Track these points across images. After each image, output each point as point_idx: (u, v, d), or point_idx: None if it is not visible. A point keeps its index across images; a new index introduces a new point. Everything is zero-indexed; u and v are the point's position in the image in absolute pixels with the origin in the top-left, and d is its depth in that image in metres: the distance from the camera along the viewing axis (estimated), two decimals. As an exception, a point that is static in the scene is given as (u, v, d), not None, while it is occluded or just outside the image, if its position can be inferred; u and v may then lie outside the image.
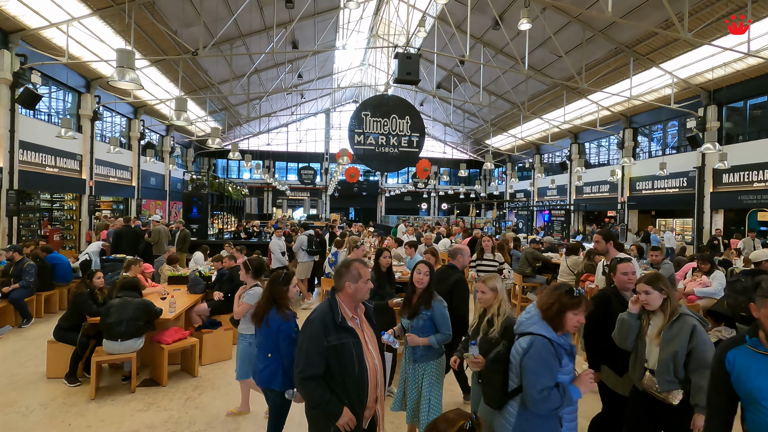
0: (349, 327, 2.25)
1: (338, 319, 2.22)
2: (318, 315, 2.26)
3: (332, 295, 2.33)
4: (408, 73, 10.68)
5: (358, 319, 2.35)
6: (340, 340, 2.19)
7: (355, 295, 2.29)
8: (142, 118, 18.73)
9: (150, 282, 6.18)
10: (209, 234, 11.97)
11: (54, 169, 13.13)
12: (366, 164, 14.43)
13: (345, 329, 2.23)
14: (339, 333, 2.20)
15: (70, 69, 13.66)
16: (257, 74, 19.19)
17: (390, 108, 12.88)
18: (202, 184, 11.96)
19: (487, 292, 2.84)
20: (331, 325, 2.20)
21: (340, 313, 2.25)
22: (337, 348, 2.17)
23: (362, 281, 2.29)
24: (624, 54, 13.89)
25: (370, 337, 2.37)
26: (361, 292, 2.30)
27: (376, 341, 2.40)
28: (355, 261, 2.39)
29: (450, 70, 20.32)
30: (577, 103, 18.35)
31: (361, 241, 5.20)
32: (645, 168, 17.15)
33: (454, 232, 13.99)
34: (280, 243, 8.47)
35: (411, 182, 26.55)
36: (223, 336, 5.12)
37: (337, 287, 2.34)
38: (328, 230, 12.19)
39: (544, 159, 26.19)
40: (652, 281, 2.54)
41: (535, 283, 7.23)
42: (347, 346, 2.19)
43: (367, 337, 2.35)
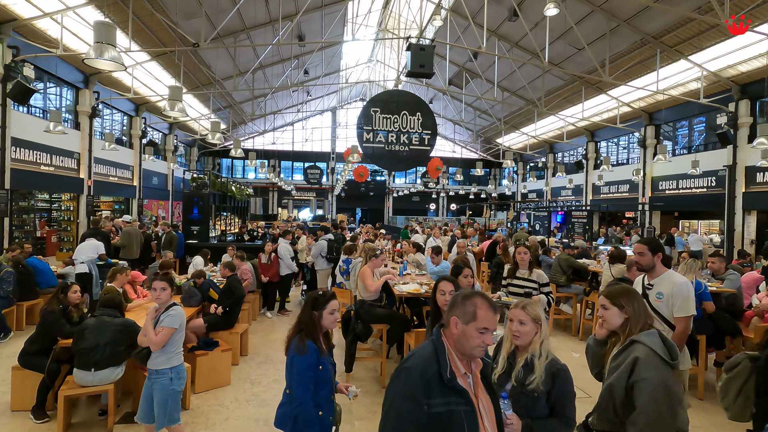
0: (460, 388, 1.54)
1: (446, 374, 1.53)
2: (417, 363, 1.55)
3: (437, 336, 1.63)
4: (421, 65, 9.93)
5: (471, 378, 1.63)
6: (448, 405, 1.50)
7: (462, 342, 1.57)
8: (143, 116, 18.16)
9: (141, 291, 5.50)
10: (211, 236, 11.31)
11: (50, 167, 12.54)
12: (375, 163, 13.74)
13: (455, 391, 1.53)
14: (446, 395, 1.51)
15: (67, 63, 13.08)
16: (262, 70, 18.54)
17: (400, 104, 12.22)
18: (203, 184, 11.30)
19: (527, 323, 2.10)
20: (436, 382, 1.51)
21: (449, 366, 1.55)
22: (442, 417, 1.48)
23: (475, 327, 1.55)
24: (650, 45, 13.07)
25: (486, 406, 1.64)
26: (469, 341, 1.56)
27: (494, 413, 1.66)
28: (476, 295, 1.62)
29: (462, 65, 19.56)
30: (595, 99, 17.54)
31: (380, 249, 4.48)
32: (668, 166, 16.28)
33: (469, 234, 13.22)
34: (290, 248, 7.77)
35: (421, 182, 25.82)
36: (221, 359, 4.42)
37: (444, 322, 1.65)
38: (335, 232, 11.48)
39: (558, 158, 25.35)
40: (613, 295, 2.14)
41: (570, 294, 6.48)
42: (457, 416, 1.50)
43: (483, 405, 1.63)
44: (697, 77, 13.54)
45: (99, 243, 7.48)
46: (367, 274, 4.38)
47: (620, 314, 2.08)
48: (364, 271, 4.41)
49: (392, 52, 22.26)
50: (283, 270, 7.32)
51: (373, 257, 4.45)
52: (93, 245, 7.37)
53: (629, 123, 17.62)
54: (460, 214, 29.80)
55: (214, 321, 4.87)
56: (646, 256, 3.10)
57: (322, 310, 2.43)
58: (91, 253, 7.34)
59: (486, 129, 26.13)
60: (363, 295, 4.43)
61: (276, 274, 7.27)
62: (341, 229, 11.96)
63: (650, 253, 3.09)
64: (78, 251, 7.10)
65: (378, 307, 4.42)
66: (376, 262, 4.46)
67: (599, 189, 20.42)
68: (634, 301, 2.09)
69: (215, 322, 4.88)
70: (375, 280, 4.40)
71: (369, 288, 4.32)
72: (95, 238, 7.52)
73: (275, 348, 5.72)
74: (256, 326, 6.81)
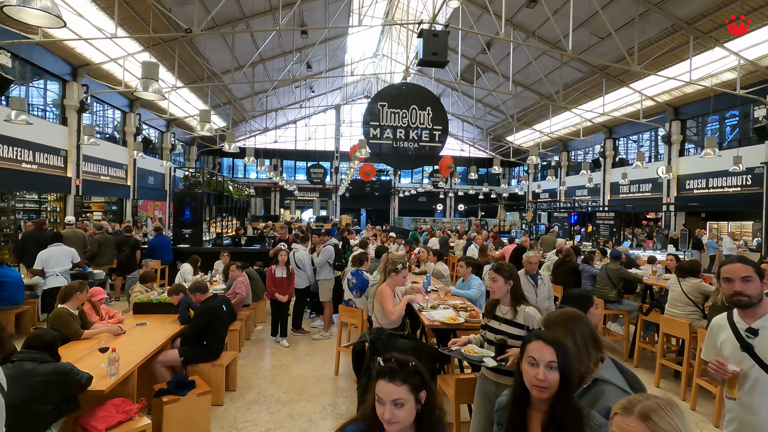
0: None
1: None
2: None
3: None
4: (434, 53, 8.91)
5: None
6: None
7: None
8: (138, 112, 17.25)
9: (107, 311, 4.51)
10: (205, 240, 10.35)
11: (33, 165, 11.63)
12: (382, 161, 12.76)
13: None
14: None
15: (52, 53, 12.17)
16: (262, 64, 17.60)
17: (409, 98, 11.27)
18: (196, 182, 10.35)
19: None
20: None
21: None
22: None
23: None
24: (682, 32, 12.03)
25: None
26: None
27: None
28: None
29: (473, 58, 18.55)
30: (615, 93, 16.49)
31: (403, 262, 3.48)
32: (697, 164, 15.21)
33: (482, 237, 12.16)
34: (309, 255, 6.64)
35: (429, 181, 24.77)
36: (197, 405, 3.43)
37: None
38: (341, 236, 10.49)
39: (572, 157, 24.29)
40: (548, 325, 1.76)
41: (621, 311, 5.45)
42: None
43: None
44: (732, 67, 12.47)
45: (72, 249, 6.50)
46: (387, 295, 3.39)
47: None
48: (382, 291, 3.41)
49: (399, 45, 21.29)
50: (301, 282, 6.27)
51: (393, 272, 3.44)
52: (67, 252, 6.38)
53: (652, 118, 16.54)
54: (469, 215, 28.73)
55: (191, 352, 3.89)
56: (752, 284, 1.89)
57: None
58: (67, 262, 6.35)
59: (496, 126, 25.10)
60: (381, 322, 3.44)
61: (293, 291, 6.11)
62: (348, 232, 10.97)
63: (758, 278, 1.91)
64: (48, 260, 6.11)
65: (400, 336, 3.43)
66: (398, 279, 3.46)
67: (618, 188, 19.34)
68: (575, 331, 1.66)
69: (193, 353, 3.89)
70: (397, 302, 3.41)
71: (390, 314, 3.33)
72: (37, 242, 6.52)
73: (271, 379, 4.74)
74: (250, 348, 5.82)
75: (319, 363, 5.24)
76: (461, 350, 2.63)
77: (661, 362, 4.62)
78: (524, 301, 2.65)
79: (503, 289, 2.63)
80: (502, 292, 2.64)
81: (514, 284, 2.63)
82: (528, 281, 4.35)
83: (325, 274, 6.31)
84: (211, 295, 4.17)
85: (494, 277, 2.65)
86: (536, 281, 4.41)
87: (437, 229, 15.63)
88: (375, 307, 3.51)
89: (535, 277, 4.43)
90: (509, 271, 2.65)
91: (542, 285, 4.39)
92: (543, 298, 4.33)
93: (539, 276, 4.46)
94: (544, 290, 4.39)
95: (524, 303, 2.63)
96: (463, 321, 3.56)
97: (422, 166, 23.85)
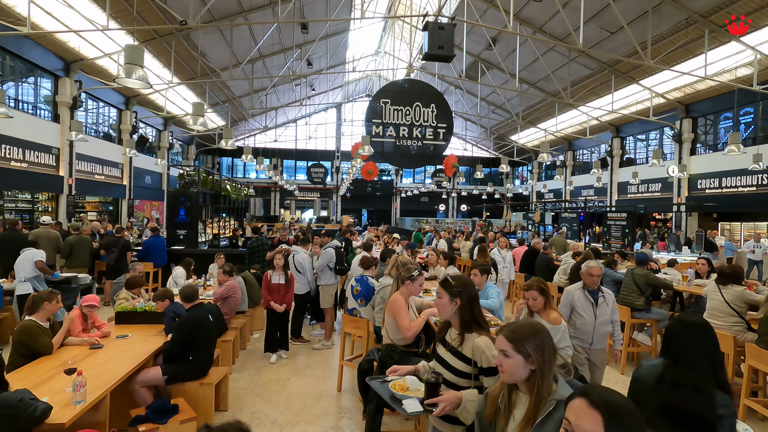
0: None
1: None
2: None
3: None
4: (440, 46, 8.51)
5: None
6: None
7: None
8: (134, 109, 16.82)
9: (96, 321, 4.06)
10: (201, 241, 9.92)
11: (22, 163, 11.20)
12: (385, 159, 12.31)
13: None
14: None
15: (44, 48, 11.74)
16: (262, 60, 17.18)
17: (413, 95, 10.93)
18: (192, 181, 9.91)
19: None
20: None
21: None
22: None
23: None
24: (697, 26, 11.58)
25: None
26: None
27: None
28: None
29: (477, 55, 18.11)
30: (624, 90, 16.05)
31: (418, 268, 3.03)
32: (709, 163, 14.76)
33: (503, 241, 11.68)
34: (310, 258, 6.19)
35: (432, 181, 24.31)
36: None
37: None
38: (342, 237, 10.06)
39: (578, 156, 23.85)
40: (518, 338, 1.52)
41: (649, 320, 5.00)
42: None
43: None
44: (748, 62, 12.02)
45: (37, 251, 5.93)
46: (400, 306, 2.93)
47: (525, 364, 1.50)
48: (395, 303, 2.95)
49: (402, 42, 20.85)
50: (301, 288, 5.76)
51: (407, 280, 2.99)
52: (29, 257, 5.79)
53: (662, 116, 16.08)
54: (473, 216, 28.27)
55: (176, 369, 3.44)
56: None
57: None
58: (30, 267, 5.73)
59: (500, 125, 24.65)
60: (392, 337, 3.00)
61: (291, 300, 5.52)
62: (350, 233, 10.53)
63: None
64: (17, 265, 5.63)
65: (414, 354, 2.98)
66: (413, 288, 3.00)
67: (626, 188, 18.88)
68: (544, 345, 1.53)
69: (178, 370, 3.45)
70: (412, 316, 2.96)
71: (406, 330, 2.88)
72: (35, 246, 6.01)
73: (267, 396, 4.28)
74: (245, 359, 5.37)
75: (321, 377, 4.79)
76: (388, 384, 2.07)
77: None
78: (477, 327, 2.04)
79: (448, 308, 2.06)
80: (447, 313, 2.08)
81: (462, 304, 2.04)
82: (586, 298, 3.65)
83: (326, 278, 5.85)
84: (197, 304, 3.71)
85: (439, 293, 2.12)
86: (596, 299, 3.64)
87: (442, 230, 15.15)
88: (386, 320, 3.05)
89: (596, 294, 3.65)
90: (461, 285, 2.07)
91: (604, 304, 3.63)
92: (604, 320, 3.60)
93: (601, 293, 3.67)
94: (606, 311, 3.63)
95: (477, 330, 2.02)
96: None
97: (426, 165, 23.40)
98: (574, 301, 3.66)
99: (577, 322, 3.64)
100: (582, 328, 3.60)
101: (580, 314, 3.61)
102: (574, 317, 3.65)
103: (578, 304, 3.64)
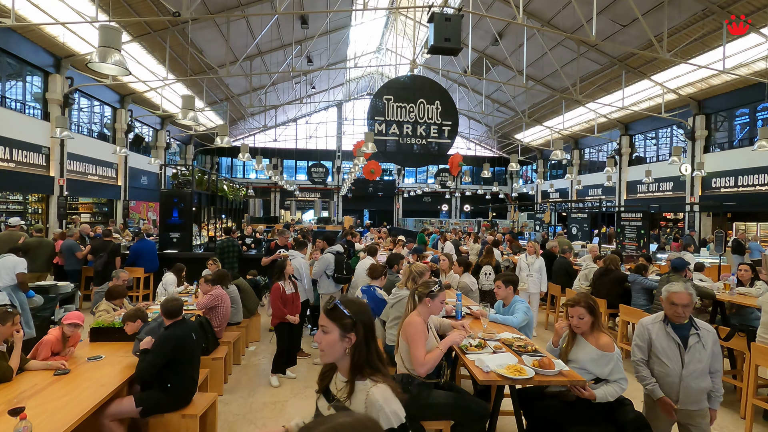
0: None
1: None
2: None
3: None
4: (446, 39, 8.05)
5: None
6: None
7: None
8: (129, 108, 16.34)
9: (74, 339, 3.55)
10: (195, 244, 9.42)
11: (9, 163, 10.71)
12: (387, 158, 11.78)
13: None
14: None
15: (33, 43, 11.25)
16: (260, 57, 16.70)
17: (416, 91, 10.45)
18: (186, 181, 9.41)
19: None
20: None
21: None
22: None
23: None
24: (714, 17, 11.07)
25: None
26: None
27: None
28: None
29: (482, 51, 17.60)
30: (633, 87, 15.54)
31: (439, 281, 2.51)
32: (724, 161, 14.24)
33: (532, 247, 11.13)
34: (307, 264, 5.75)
35: (435, 180, 23.78)
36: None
37: None
38: (344, 240, 9.55)
39: (584, 154, 23.34)
40: None
41: (688, 334, 4.47)
42: None
43: None
44: (767, 55, 11.52)
45: (19, 260, 5.41)
46: (417, 332, 2.39)
47: None
48: (412, 326, 2.42)
49: (404, 38, 20.35)
50: (303, 294, 5.19)
51: (426, 297, 2.47)
52: (8, 264, 5.29)
53: (674, 113, 15.57)
54: (477, 216, 27.75)
55: (152, 399, 2.94)
56: None
57: None
58: (8, 276, 5.18)
59: (504, 124, 24.13)
60: (408, 366, 2.49)
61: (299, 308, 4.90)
62: (351, 235, 10.02)
63: None
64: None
65: (435, 386, 2.48)
66: (434, 307, 2.48)
67: (635, 187, 18.36)
68: None
69: (154, 400, 2.94)
70: (430, 342, 2.44)
71: (420, 366, 2.35)
72: (15, 253, 5.48)
73: (262, 423, 3.78)
74: (238, 376, 4.87)
75: (322, 398, 4.28)
76: None
77: (752, 402, 3.65)
78: (370, 370, 1.44)
79: (336, 348, 1.44)
80: (335, 354, 1.46)
81: (357, 341, 1.45)
82: (668, 337, 2.59)
83: (325, 286, 5.33)
84: (179, 320, 3.20)
85: (324, 326, 1.46)
86: (686, 339, 2.56)
87: (448, 232, 14.60)
88: (400, 345, 2.54)
89: (685, 331, 2.58)
90: (356, 313, 1.46)
91: (698, 347, 2.53)
92: (698, 371, 2.51)
93: (694, 329, 2.57)
94: (703, 356, 2.52)
95: (370, 374, 1.43)
96: (533, 373, 2.41)
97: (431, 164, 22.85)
98: (652, 340, 2.67)
99: (655, 369, 2.63)
100: (663, 379, 2.58)
101: (660, 359, 2.60)
102: (651, 362, 2.67)
103: (657, 344, 2.63)
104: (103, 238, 7.73)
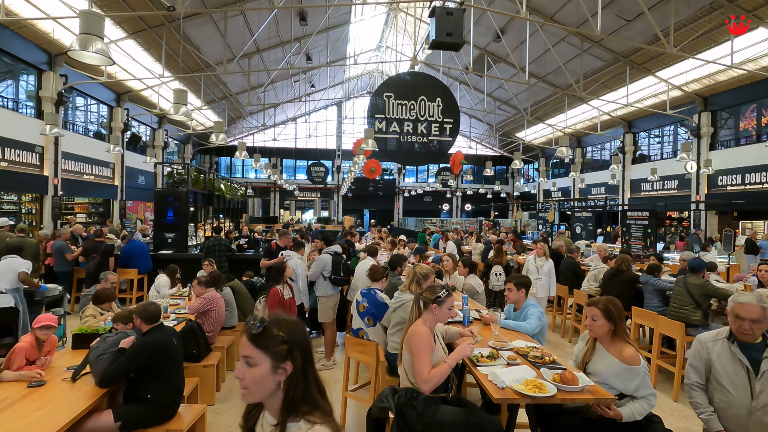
0: None
1: None
2: None
3: None
4: (448, 33, 7.82)
5: None
6: None
7: None
8: (126, 107, 16.10)
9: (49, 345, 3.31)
10: (191, 245, 9.19)
11: (2, 162, 10.49)
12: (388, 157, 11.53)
13: None
14: None
15: (25, 39, 11.02)
16: (259, 54, 16.45)
17: (417, 88, 10.25)
18: (181, 180, 9.18)
19: None
20: None
21: None
22: None
23: None
24: (721, 11, 10.82)
25: None
26: None
27: None
28: None
29: (484, 48, 17.36)
30: (638, 83, 15.31)
31: (446, 286, 2.27)
32: (731, 159, 13.99)
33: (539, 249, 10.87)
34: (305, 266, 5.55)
35: (437, 179, 23.56)
36: None
37: None
38: (344, 240, 9.30)
39: (587, 153, 23.08)
40: None
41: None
42: None
43: None
44: (779, 50, 11.28)
45: (24, 261, 5.29)
46: (422, 343, 2.15)
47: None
48: (416, 335, 2.19)
49: (405, 36, 20.10)
50: (299, 297, 4.97)
51: (433, 304, 2.24)
52: (12, 266, 5.14)
53: (679, 110, 15.32)
54: (478, 215, 27.50)
55: (131, 413, 2.70)
56: None
57: None
58: (13, 277, 5.12)
59: (506, 122, 23.88)
60: (412, 380, 2.25)
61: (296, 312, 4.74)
62: (351, 235, 9.79)
63: None
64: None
65: (442, 401, 2.24)
66: (440, 314, 2.25)
67: (639, 186, 18.12)
68: None
69: (134, 414, 2.71)
70: (437, 354, 2.21)
71: (424, 382, 2.12)
72: (19, 254, 5.33)
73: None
74: (231, 384, 4.62)
75: (320, 408, 4.04)
76: None
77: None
78: (307, 407, 1.13)
79: (267, 383, 1.13)
80: (265, 390, 1.13)
81: (294, 371, 1.14)
82: (734, 359, 2.15)
83: (323, 289, 5.09)
84: (157, 325, 2.95)
85: (248, 356, 1.14)
86: (756, 362, 2.11)
87: (449, 231, 14.34)
88: (404, 356, 2.30)
89: (757, 353, 2.14)
90: (290, 336, 1.15)
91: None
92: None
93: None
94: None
95: (305, 414, 1.12)
96: (555, 390, 2.12)
97: (432, 162, 22.61)
98: (712, 361, 2.22)
99: (715, 397, 2.20)
100: (726, 410, 2.14)
101: (722, 385, 2.16)
102: (711, 387, 2.23)
103: (719, 366, 2.19)
104: (95, 239, 7.49)
